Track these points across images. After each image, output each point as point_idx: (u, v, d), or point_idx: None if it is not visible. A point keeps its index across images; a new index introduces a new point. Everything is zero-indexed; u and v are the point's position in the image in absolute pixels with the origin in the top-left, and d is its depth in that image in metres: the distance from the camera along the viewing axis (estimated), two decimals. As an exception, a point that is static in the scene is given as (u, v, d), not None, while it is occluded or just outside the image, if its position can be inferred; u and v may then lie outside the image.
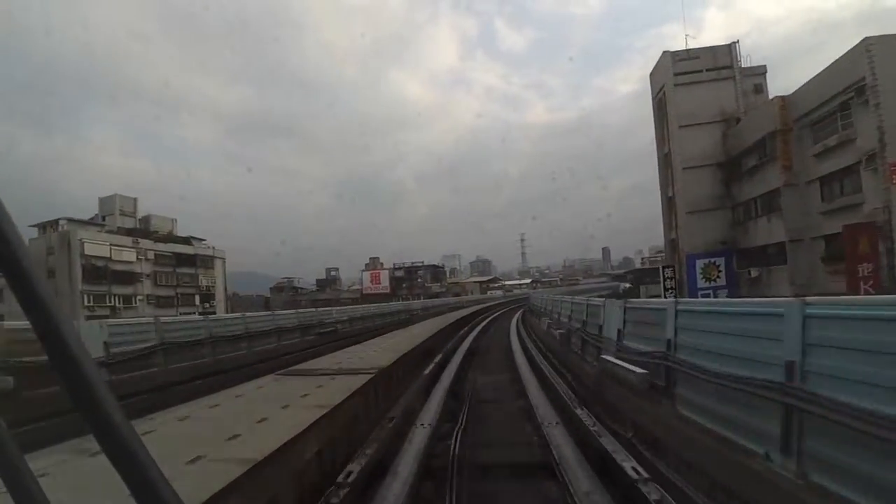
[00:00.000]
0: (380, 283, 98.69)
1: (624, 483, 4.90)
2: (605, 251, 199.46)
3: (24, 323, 0.90)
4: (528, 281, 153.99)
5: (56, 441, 4.80)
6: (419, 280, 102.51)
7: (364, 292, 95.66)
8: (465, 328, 28.22)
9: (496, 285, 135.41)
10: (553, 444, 6.07)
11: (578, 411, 7.36)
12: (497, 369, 14.22)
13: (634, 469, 4.97)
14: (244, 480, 3.66)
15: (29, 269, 0.60)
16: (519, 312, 37.92)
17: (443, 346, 17.39)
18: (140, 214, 58.92)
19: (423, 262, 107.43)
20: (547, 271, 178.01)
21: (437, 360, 13.83)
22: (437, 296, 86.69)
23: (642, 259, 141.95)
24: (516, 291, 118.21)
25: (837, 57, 22.25)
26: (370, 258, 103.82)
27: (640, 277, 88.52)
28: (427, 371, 11.93)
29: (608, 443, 5.82)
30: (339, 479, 4.87)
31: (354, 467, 5.19)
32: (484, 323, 34.39)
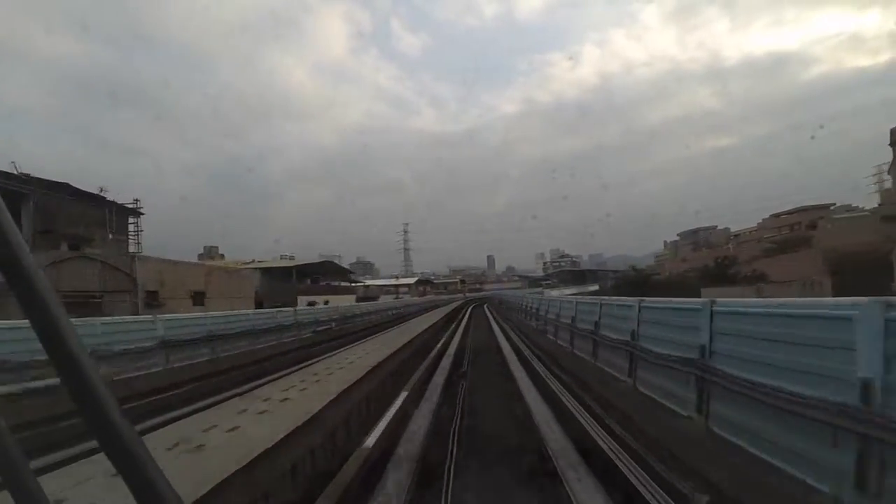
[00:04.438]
0: None
1: None
2: (490, 259, 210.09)
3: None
4: (413, 281, 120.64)
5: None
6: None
7: None
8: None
9: (355, 283, 73.92)
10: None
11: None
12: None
13: None
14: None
15: (29, 269, 0.60)
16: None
17: None
18: None
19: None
20: (434, 275, 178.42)
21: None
22: None
23: (545, 263, 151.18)
24: (386, 300, 61.88)
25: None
26: (204, 247, 65.65)
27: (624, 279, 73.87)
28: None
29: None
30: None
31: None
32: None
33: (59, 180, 28.41)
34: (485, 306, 61.76)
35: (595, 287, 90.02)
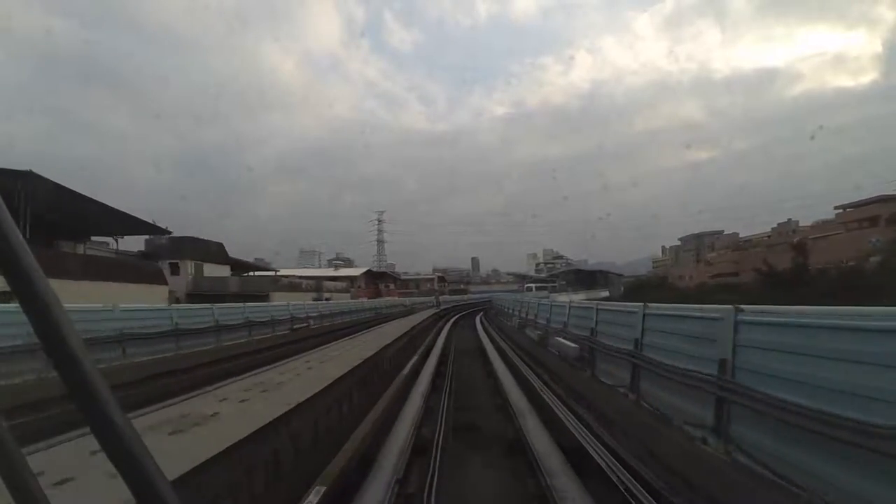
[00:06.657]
0: None
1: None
2: (475, 261, 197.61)
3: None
4: (358, 273, 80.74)
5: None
6: None
7: None
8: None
9: (266, 270, 53.18)
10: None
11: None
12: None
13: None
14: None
15: (29, 269, 0.59)
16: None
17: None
18: None
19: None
20: (416, 276, 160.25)
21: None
22: None
23: (537, 264, 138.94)
24: (280, 302, 27.39)
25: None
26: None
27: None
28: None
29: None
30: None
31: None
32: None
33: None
34: (480, 329, 28.07)
35: (605, 293, 76.67)
